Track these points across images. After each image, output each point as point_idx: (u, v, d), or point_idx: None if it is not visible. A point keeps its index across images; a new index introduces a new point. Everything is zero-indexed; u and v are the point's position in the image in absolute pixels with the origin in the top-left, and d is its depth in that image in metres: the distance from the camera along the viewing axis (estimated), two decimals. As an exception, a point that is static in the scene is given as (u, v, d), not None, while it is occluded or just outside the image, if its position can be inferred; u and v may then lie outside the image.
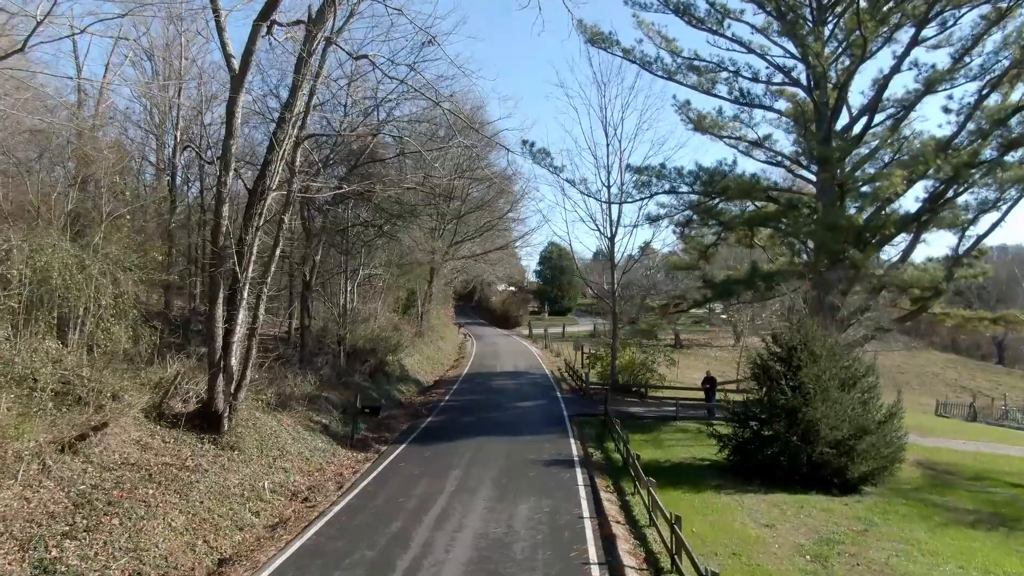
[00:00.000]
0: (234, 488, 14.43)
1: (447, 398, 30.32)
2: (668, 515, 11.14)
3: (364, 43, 17.30)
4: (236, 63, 14.32)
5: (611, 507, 14.66)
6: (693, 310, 44.43)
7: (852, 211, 28.86)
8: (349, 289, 33.71)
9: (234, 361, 16.14)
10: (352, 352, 32.10)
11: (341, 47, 15.88)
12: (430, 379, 38.18)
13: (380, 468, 17.70)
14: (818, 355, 18.06)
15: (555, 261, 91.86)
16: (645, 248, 40.04)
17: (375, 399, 27.90)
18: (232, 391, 16.23)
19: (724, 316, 76.62)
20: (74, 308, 14.52)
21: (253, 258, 16.36)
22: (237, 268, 16.04)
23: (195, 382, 17.35)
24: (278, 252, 16.14)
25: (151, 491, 12.84)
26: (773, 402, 18.09)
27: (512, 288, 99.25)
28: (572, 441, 21.25)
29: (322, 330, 33.85)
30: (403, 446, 20.43)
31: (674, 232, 36.59)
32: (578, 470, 17.43)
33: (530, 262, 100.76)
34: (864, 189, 25.85)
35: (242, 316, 16.09)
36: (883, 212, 27.15)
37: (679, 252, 42.84)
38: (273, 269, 16.24)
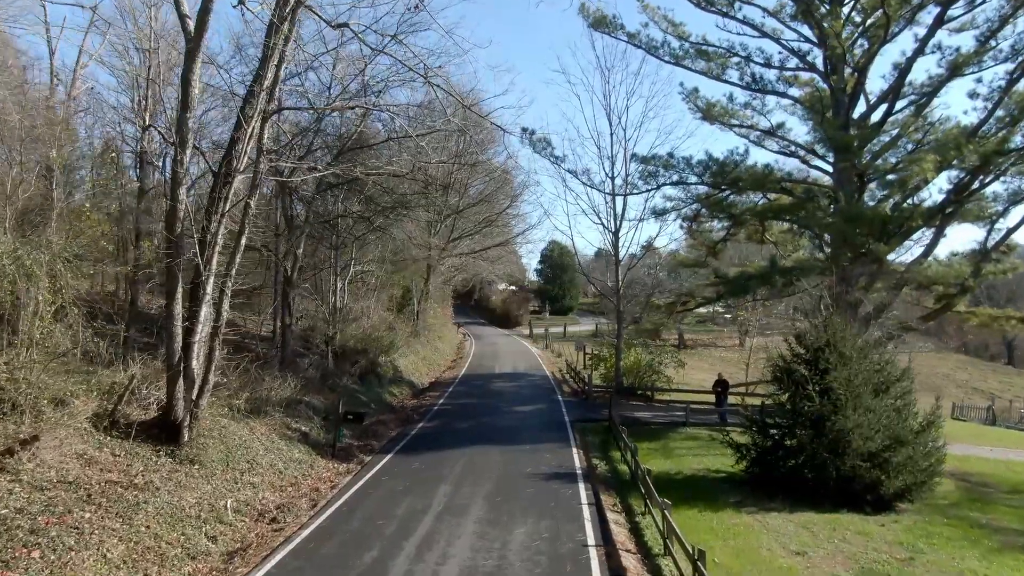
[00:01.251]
0: (190, 509, 12.65)
1: (441, 402, 28.54)
2: (690, 549, 9.35)
3: (345, 11, 15.47)
4: (191, 24, 12.56)
5: (619, 531, 12.88)
6: (696, 309, 42.84)
7: (872, 202, 27.12)
8: (339, 286, 31.92)
9: (195, 364, 14.36)
10: (341, 353, 30.37)
11: (316, 13, 14.09)
12: (425, 381, 36.42)
13: (361, 482, 15.92)
14: (848, 357, 16.27)
15: (556, 260, 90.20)
16: (650, 245, 38.24)
17: (364, 402, 26.15)
18: (193, 397, 14.46)
19: (728, 316, 75.04)
20: (8, 305, 12.76)
21: (218, 248, 14.60)
22: (199, 259, 14.28)
23: (157, 386, 15.61)
24: (244, 241, 14.35)
25: (88, 515, 11.07)
26: (798, 409, 16.31)
27: (512, 287, 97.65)
28: (574, 450, 19.47)
29: (310, 329, 32.16)
30: (389, 456, 18.66)
31: (681, 227, 34.80)
32: (581, 485, 15.63)
33: (531, 261, 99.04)
34: (890, 177, 23.93)
35: (204, 313, 14.32)
36: (908, 203, 25.36)
37: (682, 251, 41.06)
38: (239, 260, 14.46)
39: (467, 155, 28.53)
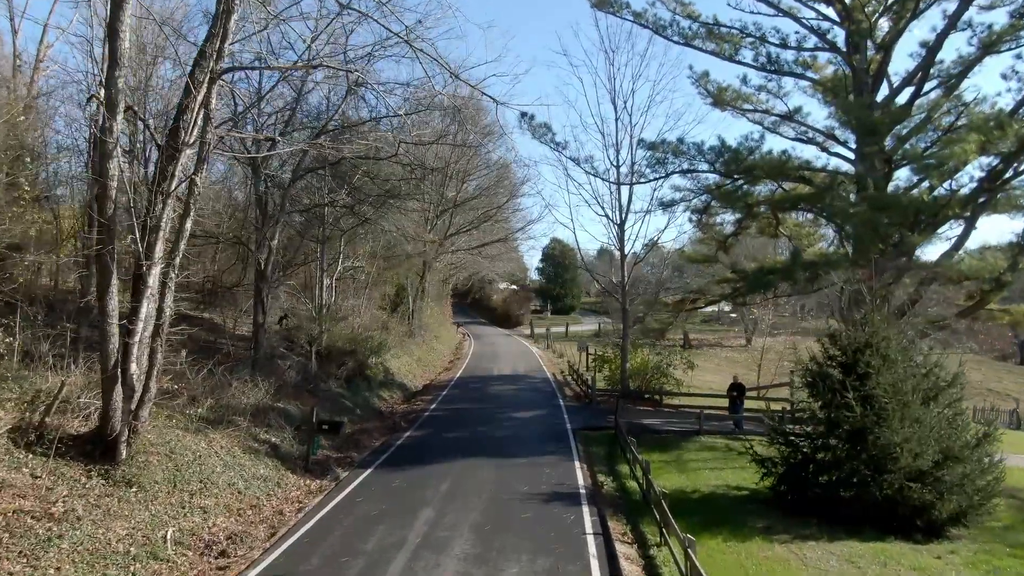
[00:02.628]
0: (118, 543, 10.57)
1: (433, 407, 26.45)
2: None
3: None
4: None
5: (632, 569, 10.77)
6: (705, 308, 40.69)
7: (899, 190, 24.98)
8: (325, 283, 29.87)
9: (135, 368, 12.28)
10: (327, 354, 28.28)
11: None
12: (419, 383, 34.32)
13: (332, 504, 13.84)
14: (892, 360, 14.17)
15: (558, 258, 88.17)
16: (655, 241, 36.10)
17: (348, 408, 24.06)
18: (132, 407, 12.39)
19: (734, 315, 72.90)
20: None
21: (166, 235, 12.53)
22: (140, 247, 12.21)
23: (97, 394, 13.54)
24: (189, 225, 12.25)
25: (-19, 555, 9.02)
26: (834, 419, 14.22)
27: (513, 286, 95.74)
28: (577, 464, 17.35)
29: (296, 329, 30.08)
30: (369, 471, 16.57)
31: (690, 220, 32.67)
32: (585, 509, 13.52)
33: (532, 259, 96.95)
34: (927, 161, 21.75)
35: (146, 310, 12.24)
36: (941, 190, 23.23)
37: (687, 248, 38.79)
38: (183, 247, 12.38)
39: (462, 134, 26.21)
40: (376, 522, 12.51)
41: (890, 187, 24.69)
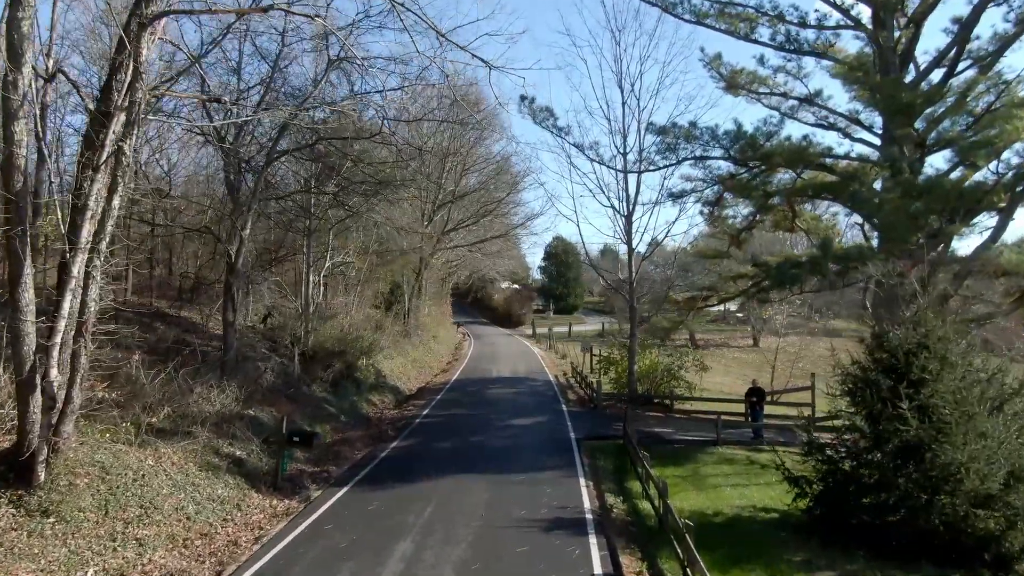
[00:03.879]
0: (18, 589, 8.59)
1: (425, 412, 24.42)
2: None
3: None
4: None
5: (651, 624, 8.74)
6: (711, 307, 38.55)
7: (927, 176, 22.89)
8: (311, 279, 27.89)
9: (55, 374, 10.29)
10: (313, 355, 26.32)
11: None
12: (413, 386, 32.32)
13: (296, 533, 11.83)
14: (953, 364, 12.11)
15: (560, 256, 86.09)
16: (666, 235, 34.09)
17: (331, 414, 22.07)
18: (53, 421, 10.41)
19: (741, 315, 70.79)
20: None
21: (96, 216, 10.53)
22: (63, 228, 10.24)
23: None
24: (116, 203, 10.22)
25: None
26: (883, 433, 12.17)
27: (515, 285, 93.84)
28: (582, 482, 15.29)
29: (281, 328, 28.11)
30: (345, 490, 14.56)
31: (701, 213, 30.58)
32: (592, 540, 11.47)
33: (534, 258, 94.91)
34: (972, 140, 19.66)
35: (70, 304, 10.25)
36: (982, 174, 21.17)
37: (699, 242, 36.62)
38: (110, 229, 10.37)
39: (456, 110, 24.12)
40: (343, 558, 10.49)
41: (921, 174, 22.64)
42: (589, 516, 12.78)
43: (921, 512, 11.53)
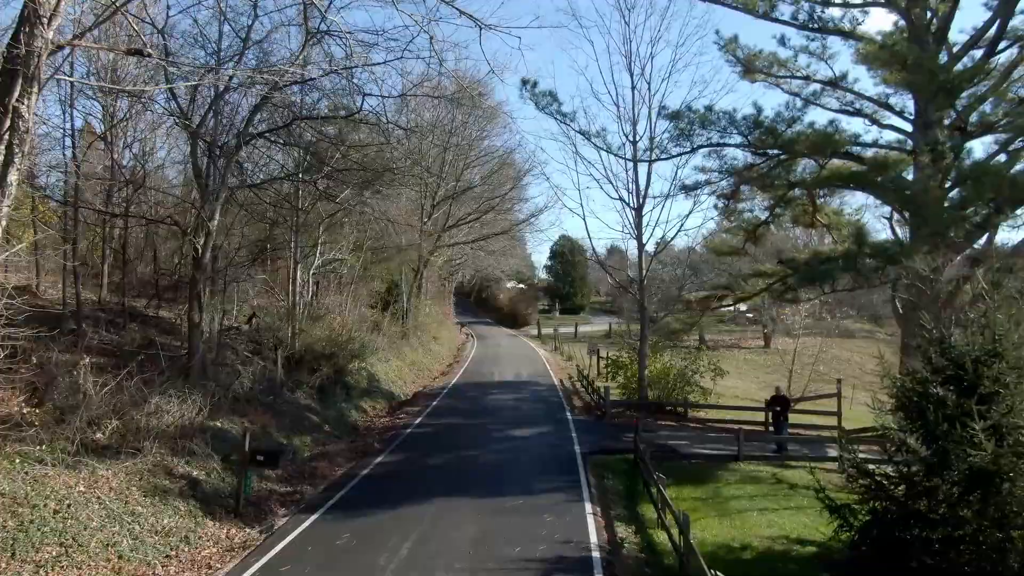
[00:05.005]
0: None
1: (418, 421, 22.52)
2: None
3: None
4: None
5: None
6: (728, 306, 36.63)
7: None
8: (299, 277, 26.07)
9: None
10: (300, 358, 24.50)
11: None
12: (409, 391, 30.43)
13: None
14: (1034, 375, 10.12)
15: (566, 256, 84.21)
16: (679, 230, 32.08)
17: (314, 424, 20.22)
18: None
19: (750, 316, 68.70)
20: None
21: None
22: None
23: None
24: (13, 178, 8.31)
25: None
26: (946, 458, 10.18)
27: (521, 285, 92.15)
28: (588, 508, 13.32)
29: (267, 329, 26.27)
30: (315, 517, 12.67)
31: (715, 207, 28.61)
32: (601, 587, 9.55)
33: (540, 258, 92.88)
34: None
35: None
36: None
37: (714, 238, 34.49)
38: (7, 209, 8.47)
39: (446, 82, 22.14)
40: (294, 614, 8.60)
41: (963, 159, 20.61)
42: (596, 554, 10.81)
43: (993, 553, 9.59)
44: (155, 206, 21.16)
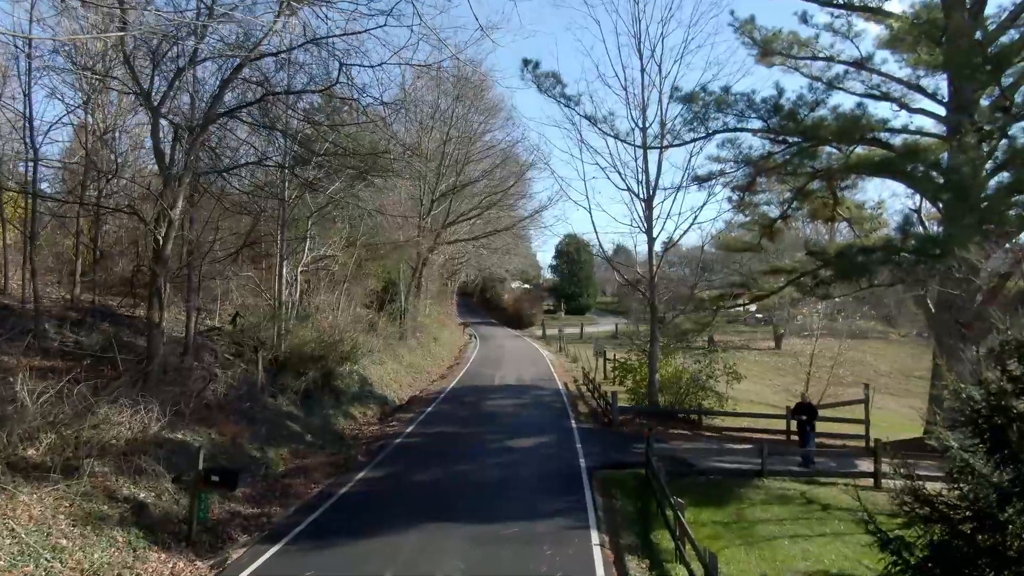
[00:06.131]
0: None
1: (410, 430, 20.81)
2: None
3: None
4: None
5: None
6: (744, 304, 34.73)
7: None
8: (285, 273, 24.39)
9: None
10: (286, 361, 22.85)
11: None
12: (404, 395, 28.72)
13: (180, 628, 8.23)
14: None
15: (572, 255, 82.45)
16: (692, 223, 30.23)
17: (295, 433, 18.50)
18: None
19: (760, 316, 66.90)
20: None
21: None
22: None
23: None
24: None
25: None
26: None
27: (526, 285, 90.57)
28: (594, 536, 11.53)
29: (251, 329, 24.60)
30: (277, 548, 10.93)
31: (730, 199, 26.78)
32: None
33: (545, 257, 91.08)
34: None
35: None
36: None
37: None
38: None
39: (433, 51, 20.38)
40: None
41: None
42: (605, 597, 9.05)
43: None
44: (125, 195, 19.47)
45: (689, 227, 32.83)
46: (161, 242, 14.58)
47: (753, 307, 56.06)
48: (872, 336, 57.47)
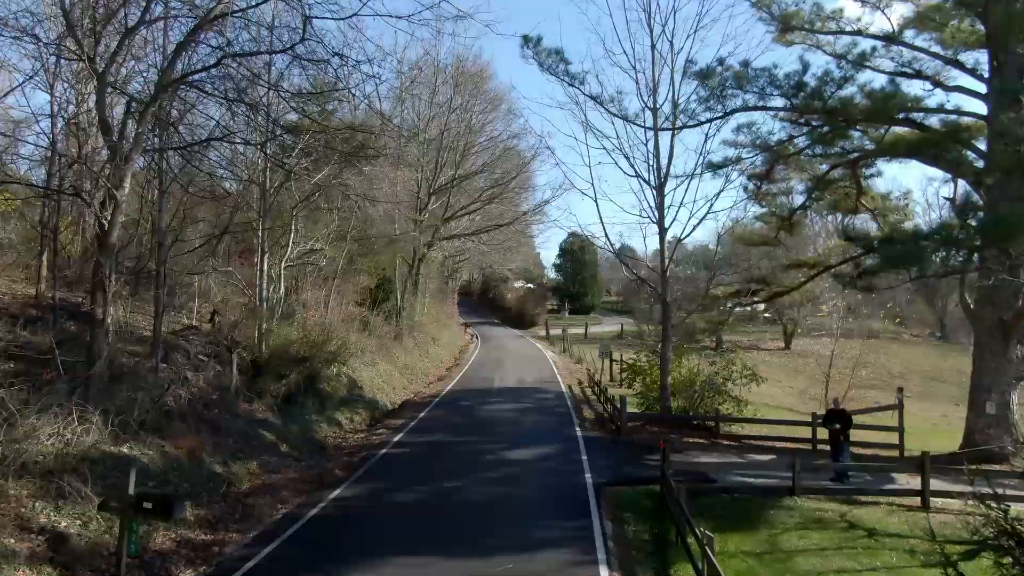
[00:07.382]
0: None
1: (397, 439, 18.91)
2: None
3: None
4: None
5: None
6: (764, 300, 32.77)
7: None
8: (267, 268, 22.55)
9: None
10: (267, 363, 21.03)
11: None
12: (397, 399, 26.87)
13: None
14: None
15: (576, 254, 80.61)
16: (707, 214, 28.29)
17: (268, 443, 16.62)
18: None
19: (768, 315, 64.79)
20: None
21: None
22: None
23: None
24: None
25: None
26: None
27: (529, 284, 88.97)
28: (604, 573, 9.62)
29: (230, 328, 22.75)
30: (222, 588, 9.06)
31: (746, 188, 24.82)
32: None
33: (549, 256, 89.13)
34: None
35: None
36: None
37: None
38: None
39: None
40: None
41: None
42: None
43: None
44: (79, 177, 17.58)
45: (705, 215, 30.40)
46: (107, 227, 12.70)
47: (761, 306, 54.09)
48: (883, 336, 55.45)
